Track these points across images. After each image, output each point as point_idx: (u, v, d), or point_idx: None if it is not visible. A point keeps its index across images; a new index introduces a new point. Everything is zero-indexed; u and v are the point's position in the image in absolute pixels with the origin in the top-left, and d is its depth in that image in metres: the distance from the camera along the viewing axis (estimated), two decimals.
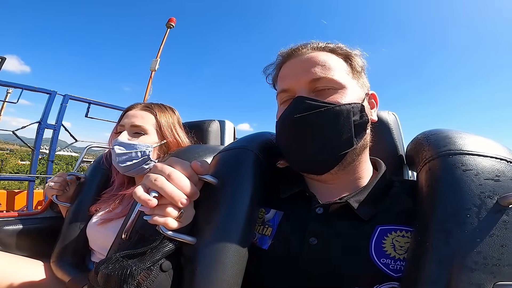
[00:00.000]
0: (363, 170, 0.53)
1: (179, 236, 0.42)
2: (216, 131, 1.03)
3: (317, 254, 0.43)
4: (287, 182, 0.55)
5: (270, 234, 0.48)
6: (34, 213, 1.11)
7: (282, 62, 0.57)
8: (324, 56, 0.52)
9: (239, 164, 0.49)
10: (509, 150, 0.42)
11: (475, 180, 0.36)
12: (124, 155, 0.82)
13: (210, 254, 0.41)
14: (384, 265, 0.40)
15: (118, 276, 0.37)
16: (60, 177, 0.95)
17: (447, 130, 0.48)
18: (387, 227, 0.44)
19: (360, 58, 0.56)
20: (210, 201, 0.46)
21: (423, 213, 0.39)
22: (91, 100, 2.75)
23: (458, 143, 0.42)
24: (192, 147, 0.70)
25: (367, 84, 0.57)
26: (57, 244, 0.88)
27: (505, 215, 0.33)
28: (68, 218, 0.90)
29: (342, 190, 0.51)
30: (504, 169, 0.38)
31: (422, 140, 0.50)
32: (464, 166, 0.38)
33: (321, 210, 0.48)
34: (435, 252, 0.34)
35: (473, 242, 0.32)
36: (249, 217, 0.45)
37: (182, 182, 0.41)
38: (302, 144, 0.49)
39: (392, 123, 0.77)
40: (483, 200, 0.35)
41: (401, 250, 0.41)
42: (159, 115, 0.89)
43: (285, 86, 0.52)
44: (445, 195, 0.37)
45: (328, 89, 0.49)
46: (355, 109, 0.49)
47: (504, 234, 0.33)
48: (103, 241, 0.82)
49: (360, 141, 0.50)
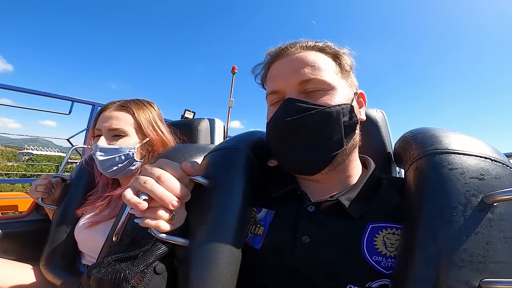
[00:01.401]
0: (353, 169, 0.54)
1: (172, 239, 0.42)
2: (206, 129, 1.01)
3: (310, 252, 0.44)
4: (279, 181, 0.55)
5: (262, 234, 0.48)
6: (19, 216, 1.08)
7: (271, 61, 0.56)
8: (313, 56, 0.51)
9: (230, 164, 0.49)
10: (493, 149, 0.43)
11: (461, 179, 0.37)
12: (108, 161, 0.79)
13: (203, 255, 0.41)
14: (376, 263, 0.41)
15: (112, 280, 0.37)
16: (45, 179, 0.92)
17: (434, 129, 0.49)
18: (377, 224, 0.45)
19: (348, 57, 0.56)
20: (202, 202, 0.46)
21: (411, 212, 0.39)
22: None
23: (444, 142, 0.43)
24: (182, 146, 0.69)
25: (356, 83, 0.57)
26: (46, 247, 0.86)
27: (490, 213, 0.34)
28: (55, 220, 0.88)
29: (333, 188, 0.51)
30: (488, 168, 0.39)
31: (410, 138, 0.51)
32: (450, 165, 0.39)
33: (312, 209, 0.48)
34: (423, 250, 0.35)
35: (459, 240, 0.33)
36: (241, 217, 0.45)
37: (173, 184, 0.41)
38: (293, 146, 0.49)
39: (380, 121, 0.78)
40: (468, 198, 0.36)
41: (392, 247, 0.42)
42: (137, 113, 0.84)
43: (275, 88, 0.52)
44: (432, 194, 0.38)
45: (318, 90, 0.49)
46: (345, 110, 0.49)
47: (489, 232, 0.33)
48: (92, 243, 0.80)
49: (350, 141, 0.50)
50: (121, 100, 0.89)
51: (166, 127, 0.92)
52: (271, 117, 0.51)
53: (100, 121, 0.83)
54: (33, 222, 1.07)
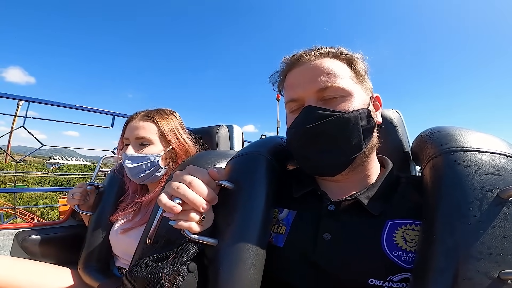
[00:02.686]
0: (371, 169, 0.56)
1: (203, 239, 0.46)
2: (225, 136, 1.05)
3: (331, 249, 0.46)
4: (299, 182, 0.58)
5: (285, 232, 0.51)
6: (57, 222, 1.17)
7: (287, 70, 0.58)
8: (328, 63, 0.53)
9: (252, 169, 0.53)
10: (509, 145, 0.43)
11: (476, 175, 0.39)
12: (136, 168, 0.85)
13: (231, 254, 0.45)
14: (397, 257, 0.43)
15: (151, 278, 0.41)
16: (81, 188, 1.00)
17: (449, 127, 0.50)
18: (397, 221, 0.46)
19: (362, 61, 0.57)
20: (228, 205, 0.49)
21: (429, 208, 0.41)
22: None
23: (459, 140, 0.44)
24: (205, 153, 0.73)
25: (371, 86, 0.59)
26: (83, 251, 0.93)
27: (506, 207, 0.35)
28: (91, 226, 0.95)
29: (352, 188, 0.53)
30: (504, 164, 0.39)
31: (425, 138, 0.52)
32: (465, 162, 0.40)
33: (332, 207, 0.50)
34: (442, 243, 0.36)
35: (476, 234, 0.35)
36: (265, 218, 0.48)
37: (202, 189, 0.45)
38: (315, 151, 0.51)
39: (396, 121, 0.79)
40: (484, 194, 0.37)
41: (411, 243, 0.44)
42: (160, 122, 0.90)
43: (294, 96, 0.54)
44: (448, 190, 0.39)
45: (336, 97, 0.51)
46: (362, 114, 0.51)
47: (506, 225, 0.34)
48: (126, 247, 0.86)
49: (368, 144, 0.52)
50: (145, 110, 0.94)
51: (187, 135, 0.96)
52: (292, 123, 0.54)
53: (128, 131, 0.89)
54: (70, 227, 1.15)
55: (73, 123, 2.82)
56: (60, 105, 2.25)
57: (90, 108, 2.43)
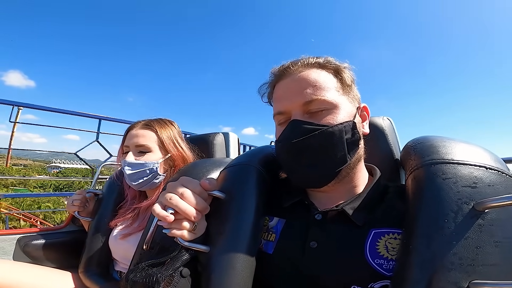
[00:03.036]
0: (358, 179, 0.57)
1: (195, 246, 0.48)
2: (221, 143, 1.08)
3: (317, 256, 0.48)
4: (288, 192, 0.60)
5: (274, 240, 0.53)
6: (58, 227, 1.19)
7: (275, 81, 0.59)
8: (315, 75, 0.54)
9: (243, 179, 0.55)
10: (491, 156, 0.44)
11: (454, 188, 0.40)
12: (134, 174, 0.88)
13: (222, 260, 0.47)
14: (378, 265, 0.45)
15: (146, 283, 0.44)
16: (80, 195, 1.03)
17: (433, 138, 0.52)
18: (380, 230, 0.48)
19: (349, 71, 0.58)
20: (220, 214, 0.52)
21: (409, 218, 0.43)
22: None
23: (441, 152, 0.46)
24: (200, 162, 0.75)
25: (358, 96, 0.60)
26: (83, 255, 0.95)
27: (480, 219, 0.37)
28: (90, 231, 0.98)
29: (339, 198, 0.55)
30: (482, 176, 0.41)
31: (410, 148, 0.54)
32: (444, 175, 0.42)
33: (320, 217, 0.52)
34: (418, 254, 0.37)
35: (450, 245, 0.36)
36: (255, 227, 0.50)
37: (194, 199, 0.47)
38: (300, 164, 0.53)
39: (387, 129, 0.79)
40: (460, 206, 0.38)
41: (393, 251, 0.45)
42: (159, 131, 0.93)
43: (281, 109, 0.55)
44: (427, 202, 0.41)
45: (321, 110, 0.52)
46: (347, 127, 0.52)
47: (479, 237, 0.36)
48: (124, 252, 0.89)
49: (353, 156, 0.53)
50: (146, 119, 0.98)
51: (185, 143, 0.99)
52: (279, 137, 0.55)
53: (128, 139, 0.92)
54: (70, 232, 1.18)
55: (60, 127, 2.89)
56: (44, 109, 2.31)
57: (76, 111, 2.51)
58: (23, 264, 0.95)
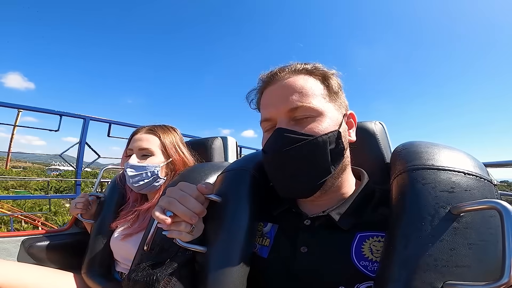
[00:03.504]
0: (344, 187, 0.58)
1: (193, 247, 0.51)
2: (220, 147, 1.11)
3: (307, 260, 0.50)
4: (277, 201, 0.61)
5: (268, 245, 0.55)
6: (61, 229, 1.23)
7: (263, 87, 0.59)
8: (302, 81, 0.54)
9: (238, 184, 0.58)
10: (470, 162, 0.47)
11: (432, 192, 0.42)
12: (136, 176, 0.91)
13: (219, 260, 0.50)
14: (363, 267, 0.47)
15: (147, 282, 0.47)
16: (83, 198, 1.07)
17: (418, 144, 0.54)
18: (365, 233, 0.50)
19: (337, 78, 0.58)
20: (216, 216, 0.55)
21: (391, 221, 0.45)
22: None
23: (423, 158, 0.48)
24: (198, 166, 0.78)
25: (346, 103, 0.59)
26: (86, 256, 0.98)
27: (456, 222, 0.39)
28: (93, 233, 1.01)
29: (327, 205, 0.56)
30: (459, 181, 0.43)
31: (397, 153, 0.56)
32: (424, 180, 0.44)
33: (308, 222, 0.54)
34: (397, 255, 0.40)
35: (425, 246, 0.38)
36: (249, 229, 0.53)
37: (191, 203, 0.50)
38: (284, 175, 0.53)
39: (379, 133, 0.80)
40: (437, 210, 0.40)
41: (377, 253, 0.48)
42: (162, 136, 0.97)
43: (267, 116, 0.56)
44: (407, 206, 0.43)
45: (306, 117, 0.52)
46: (331, 138, 0.52)
47: (454, 239, 0.38)
48: (125, 253, 0.92)
49: (338, 166, 0.53)
50: (150, 125, 1.03)
51: (187, 149, 1.03)
52: (264, 146, 0.55)
53: (132, 142, 0.97)
54: (74, 234, 1.21)
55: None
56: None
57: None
58: (28, 265, 0.98)
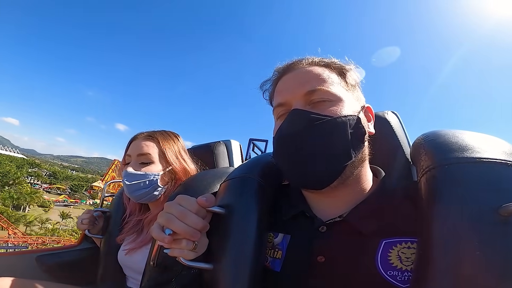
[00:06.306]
0: (363, 182, 0.52)
1: (197, 265, 0.47)
2: (223, 152, 1.06)
3: (326, 271, 0.45)
4: (289, 203, 0.56)
5: (281, 257, 0.50)
6: (72, 245, 1.22)
7: (279, 77, 0.57)
8: (319, 70, 0.52)
9: (242, 193, 0.53)
10: (510, 148, 0.40)
11: (473, 191, 0.36)
12: (134, 185, 0.86)
13: (226, 277, 0.46)
14: (392, 277, 0.41)
15: None
16: (88, 214, 1.03)
17: (444, 133, 0.47)
18: (391, 239, 0.44)
19: (354, 73, 0.56)
20: (221, 230, 0.50)
21: (423, 226, 0.39)
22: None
23: (455, 149, 0.42)
24: (201, 174, 0.74)
25: (362, 98, 0.57)
26: (98, 272, 0.97)
27: (506, 225, 0.33)
28: (102, 249, 0.99)
29: (343, 205, 0.51)
30: (503, 175, 0.36)
31: (419, 146, 0.49)
32: (461, 176, 0.38)
33: (324, 229, 0.49)
34: (435, 265, 0.35)
35: (470, 255, 0.32)
36: (258, 241, 0.48)
37: (191, 219, 0.45)
38: (300, 158, 0.48)
39: (393, 123, 0.73)
40: (481, 211, 0.34)
41: (407, 261, 0.42)
42: (162, 143, 0.92)
43: (281, 100, 0.53)
44: (443, 208, 0.37)
45: (324, 101, 0.49)
46: (351, 121, 0.48)
47: (505, 244, 0.32)
48: (133, 267, 0.89)
49: (358, 153, 0.49)
50: (149, 130, 0.97)
51: (189, 157, 0.98)
52: (277, 130, 0.51)
53: (130, 149, 0.92)
54: (85, 250, 1.19)
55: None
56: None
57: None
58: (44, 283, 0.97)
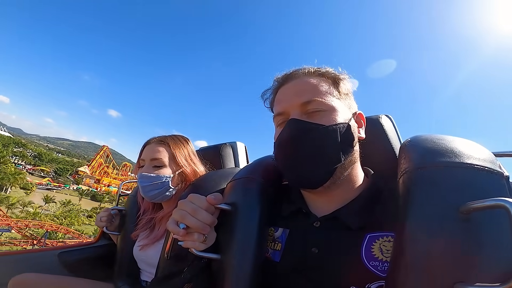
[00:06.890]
0: (353, 182, 0.58)
1: (207, 255, 0.54)
2: (229, 153, 1.13)
3: (318, 261, 0.51)
4: (288, 200, 0.63)
5: (280, 249, 0.57)
6: (91, 242, 1.31)
7: (278, 87, 0.63)
8: (314, 81, 0.58)
9: (246, 193, 0.60)
10: (481, 154, 0.43)
11: (440, 191, 0.40)
12: (148, 186, 0.95)
13: (233, 266, 0.53)
14: (373, 267, 0.47)
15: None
16: (106, 212, 1.13)
17: (424, 139, 0.51)
18: (375, 234, 0.50)
19: (347, 82, 0.61)
20: (227, 224, 0.58)
21: (398, 221, 0.44)
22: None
23: (428, 155, 0.46)
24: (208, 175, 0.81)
25: (354, 105, 0.63)
26: (115, 267, 1.05)
27: (466, 222, 0.37)
28: (119, 245, 1.08)
29: (336, 203, 0.57)
30: (468, 177, 0.40)
31: (402, 149, 0.55)
32: (430, 179, 0.42)
33: (318, 224, 0.55)
34: (405, 256, 0.39)
35: (434, 248, 0.37)
36: (260, 235, 0.55)
37: (202, 215, 0.53)
38: (297, 161, 0.55)
39: (387, 126, 0.77)
40: (446, 209, 0.39)
41: (387, 253, 0.47)
42: (173, 147, 1.00)
43: (280, 110, 0.59)
44: (414, 207, 0.42)
45: (318, 111, 0.55)
46: (342, 128, 0.54)
47: (463, 239, 0.36)
48: (147, 261, 0.97)
49: (348, 157, 0.55)
50: (161, 135, 1.06)
51: (198, 159, 1.06)
52: (277, 139, 0.58)
53: (144, 153, 1.00)
54: (102, 246, 1.28)
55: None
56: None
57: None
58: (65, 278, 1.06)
